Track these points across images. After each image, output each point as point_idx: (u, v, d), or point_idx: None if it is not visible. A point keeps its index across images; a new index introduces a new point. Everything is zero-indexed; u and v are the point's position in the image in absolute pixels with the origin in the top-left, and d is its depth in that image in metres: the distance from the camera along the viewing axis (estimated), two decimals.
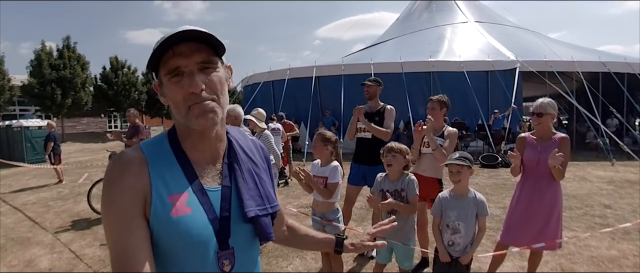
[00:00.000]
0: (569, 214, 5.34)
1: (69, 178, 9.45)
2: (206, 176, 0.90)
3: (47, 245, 4.57)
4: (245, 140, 1.05)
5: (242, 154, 0.99)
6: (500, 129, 11.67)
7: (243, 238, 0.92)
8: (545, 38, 17.95)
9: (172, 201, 0.83)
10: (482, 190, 7.04)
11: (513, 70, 12.22)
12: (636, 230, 4.54)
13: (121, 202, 0.81)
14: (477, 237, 2.51)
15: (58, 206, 6.61)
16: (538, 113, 2.85)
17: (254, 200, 0.94)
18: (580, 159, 10.58)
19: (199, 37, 0.84)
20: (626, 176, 8.34)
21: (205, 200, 0.87)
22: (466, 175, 2.51)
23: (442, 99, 3.51)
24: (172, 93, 0.85)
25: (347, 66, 13.37)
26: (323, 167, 2.95)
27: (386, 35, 20.39)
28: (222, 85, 0.89)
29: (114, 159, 0.88)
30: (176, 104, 0.86)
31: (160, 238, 0.83)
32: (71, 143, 21.91)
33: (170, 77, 0.85)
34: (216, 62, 0.88)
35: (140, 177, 0.83)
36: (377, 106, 3.88)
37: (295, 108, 13.78)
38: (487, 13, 19.44)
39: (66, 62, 21.57)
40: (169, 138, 0.92)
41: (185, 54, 0.84)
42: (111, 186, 0.83)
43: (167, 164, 0.87)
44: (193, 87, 0.83)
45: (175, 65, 0.84)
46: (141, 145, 0.91)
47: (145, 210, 0.82)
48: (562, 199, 2.97)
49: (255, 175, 0.98)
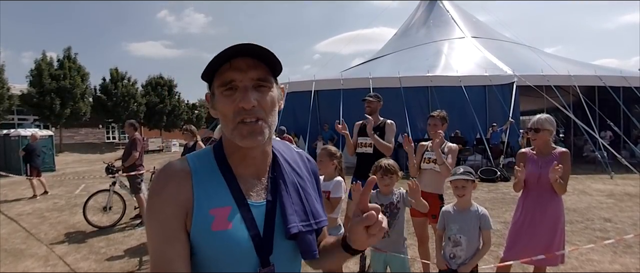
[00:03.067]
0: (570, 228, 5.30)
1: (66, 189, 9.37)
2: (251, 191, 0.89)
3: (41, 257, 4.50)
4: (291, 153, 1.03)
5: (287, 167, 0.97)
6: (498, 143, 11.70)
7: (285, 255, 0.90)
8: (541, 52, 18.18)
9: (214, 214, 0.83)
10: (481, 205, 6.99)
11: (510, 84, 12.32)
12: (638, 243, 4.51)
13: (163, 213, 0.81)
14: (481, 250, 2.51)
15: (54, 217, 6.54)
16: (535, 128, 2.88)
17: (298, 215, 0.91)
18: (580, 173, 10.57)
19: (258, 53, 0.83)
20: (625, 189, 8.33)
21: (248, 216, 0.86)
22: (470, 189, 2.56)
23: (443, 114, 3.53)
24: (223, 106, 0.85)
25: (346, 80, 13.47)
26: (326, 182, 2.94)
27: (384, 50, 20.62)
28: (274, 105, 0.88)
29: (160, 170, 0.88)
30: (225, 117, 0.85)
31: (200, 251, 0.83)
32: (69, 153, 21.85)
33: (224, 90, 0.84)
34: (271, 81, 0.87)
35: (183, 189, 0.83)
36: (378, 121, 3.90)
37: (294, 122, 13.79)
38: (483, 28, 19.73)
39: (66, 72, 21.74)
40: (214, 152, 0.92)
41: (242, 68, 0.83)
42: (154, 197, 0.84)
43: (212, 177, 0.87)
44: (245, 102, 0.82)
45: (230, 78, 0.83)
46: (188, 157, 0.91)
47: (186, 223, 0.82)
48: (564, 213, 2.95)
49: (301, 189, 0.96)
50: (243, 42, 0.82)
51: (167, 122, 30.05)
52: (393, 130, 3.81)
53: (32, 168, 8.70)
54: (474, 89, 12.41)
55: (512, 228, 3.01)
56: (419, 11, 21.76)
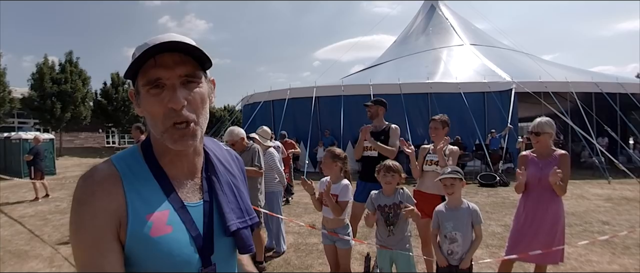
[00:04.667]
0: (569, 231, 5.38)
1: (67, 191, 9.42)
2: (186, 191, 0.86)
3: (46, 258, 4.53)
4: (222, 152, 1.02)
5: (219, 166, 0.95)
6: (497, 148, 11.84)
7: (224, 253, 0.89)
8: (539, 60, 18.40)
9: (151, 220, 0.78)
10: (482, 208, 7.04)
11: (509, 91, 12.49)
12: (636, 244, 4.62)
13: (92, 224, 0.75)
14: (474, 243, 2.67)
15: (56, 219, 6.57)
16: (536, 132, 3.01)
17: (234, 213, 0.91)
18: (578, 178, 10.69)
19: (184, 48, 0.79)
20: (623, 193, 8.46)
21: (187, 217, 0.83)
22: (459, 187, 2.70)
23: (444, 118, 3.63)
24: (150, 106, 0.80)
25: (346, 87, 13.62)
26: (334, 185, 3.03)
27: (384, 57, 20.83)
28: (204, 102, 0.84)
29: (85, 176, 0.80)
30: (154, 118, 0.81)
31: (139, 260, 0.78)
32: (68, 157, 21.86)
33: (149, 88, 0.79)
34: (200, 77, 0.83)
35: (114, 196, 0.78)
36: (382, 125, 4.02)
37: (294, 128, 13.91)
38: (482, 36, 19.97)
39: (68, 76, 21.87)
40: (143, 152, 0.86)
41: (169, 65, 0.78)
42: (82, 206, 0.77)
43: (144, 180, 0.82)
44: (174, 102, 0.78)
45: (155, 76, 0.79)
46: (113, 159, 0.85)
47: (119, 232, 0.77)
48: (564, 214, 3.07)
49: (234, 187, 0.96)
50: (168, 37, 0.79)
51: None
52: (397, 134, 3.92)
53: (36, 171, 8.71)
54: (472, 95, 12.58)
55: (513, 227, 3.12)
56: (418, 19, 22.01)
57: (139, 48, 0.80)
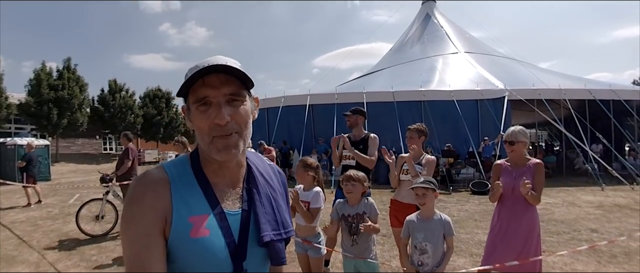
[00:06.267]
0: (556, 239, 5.38)
1: (60, 198, 9.39)
2: (226, 199, 0.93)
3: (32, 263, 4.54)
4: (264, 165, 1.08)
5: (260, 179, 1.02)
6: (490, 156, 11.81)
7: (256, 262, 0.95)
8: (533, 67, 18.49)
9: (192, 222, 0.86)
10: (471, 216, 7.08)
11: (502, 98, 12.52)
12: (623, 253, 4.59)
13: (141, 220, 0.84)
14: (446, 255, 2.62)
15: (47, 225, 6.58)
16: (510, 141, 2.98)
17: (270, 224, 0.96)
18: (571, 185, 10.68)
19: (230, 70, 0.88)
20: (615, 200, 8.43)
21: (224, 224, 0.90)
22: (431, 198, 2.66)
23: (420, 127, 3.62)
24: (198, 121, 0.89)
25: (340, 95, 13.66)
26: (306, 192, 3.06)
27: (379, 65, 20.95)
28: (248, 118, 0.92)
29: (138, 178, 0.90)
30: (201, 132, 0.89)
31: (178, 257, 0.86)
32: (65, 163, 21.83)
33: (198, 106, 0.88)
34: (244, 95, 0.91)
35: (162, 197, 0.86)
36: (362, 134, 4.02)
37: (288, 135, 13.94)
38: (476, 44, 20.10)
39: (65, 82, 21.93)
40: (191, 161, 0.95)
41: (215, 85, 0.87)
42: (133, 204, 0.86)
43: (189, 186, 0.90)
44: (219, 118, 0.86)
45: (203, 94, 0.87)
46: (164, 165, 0.93)
47: (164, 230, 0.85)
48: (539, 223, 3.03)
49: (273, 199, 1.02)
50: (215, 60, 0.88)
51: (164, 134, 30.06)
52: (376, 144, 3.92)
53: (28, 177, 8.76)
54: (466, 103, 12.60)
55: (488, 237, 3.10)
56: (413, 27, 22.17)
57: (190, 70, 0.89)
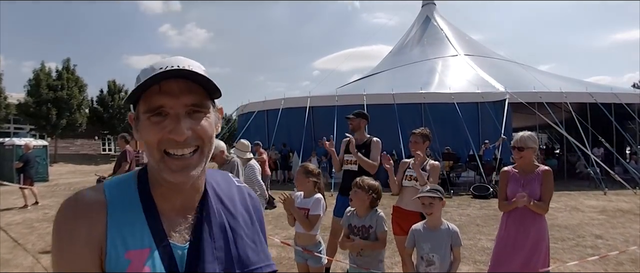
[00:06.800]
0: (561, 245, 5.28)
1: (57, 199, 9.31)
2: (174, 230, 0.78)
3: (26, 267, 4.47)
4: (228, 188, 0.91)
5: (216, 205, 0.85)
6: (491, 159, 11.73)
7: None
8: (533, 70, 18.43)
9: (130, 258, 0.72)
10: (473, 221, 6.99)
11: (502, 101, 12.45)
12: (630, 260, 4.49)
13: (70, 253, 0.72)
14: (452, 266, 2.52)
15: (43, 228, 6.49)
16: (519, 147, 2.87)
17: (219, 261, 0.79)
18: (573, 189, 10.58)
19: (193, 76, 0.72)
20: (618, 205, 8.34)
21: (169, 260, 0.75)
22: (438, 207, 2.55)
23: (425, 132, 3.51)
24: (148, 134, 0.73)
25: (340, 97, 13.58)
26: (306, 199, 2.95)
27: (379, 67, 20.89)
28: (212, 132, 0.77)
29: (68, 200, 0.76)
30: (150, 147, 0.73)
31: None
32: (63, 164, 21.76)
33: (150, 116, 0.72)
34: (208, 106, 0.76)
35: (95, 226, 0.73)
36: (364, 138, 3.93)
37: (288, 137, 13.85)
38: (476, 47, 20.06)
39: (64, 83, 21.97)
40: (138, 181, 0.80)
41: (174, 92, 0.71)
42: (61, 232, 0.73)
43: (131, 212, 0.76)
44: (176, 133, 0.71)
45: (158, 103, 0.71)
46: (105, 185, 0.79)
47: (101, 258, 0.72)
48: (548, 232, 2.93)
49: (231, 230, 0.84)
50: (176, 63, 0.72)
51: None
52: (379, 148, 3.83)
53: (25, 178, 8.72)
54: (466, 106, 12.52)
55: (496, 246, 3.00)
56: (413, 29, 22.14)
57: (144, 72, 0.74)
